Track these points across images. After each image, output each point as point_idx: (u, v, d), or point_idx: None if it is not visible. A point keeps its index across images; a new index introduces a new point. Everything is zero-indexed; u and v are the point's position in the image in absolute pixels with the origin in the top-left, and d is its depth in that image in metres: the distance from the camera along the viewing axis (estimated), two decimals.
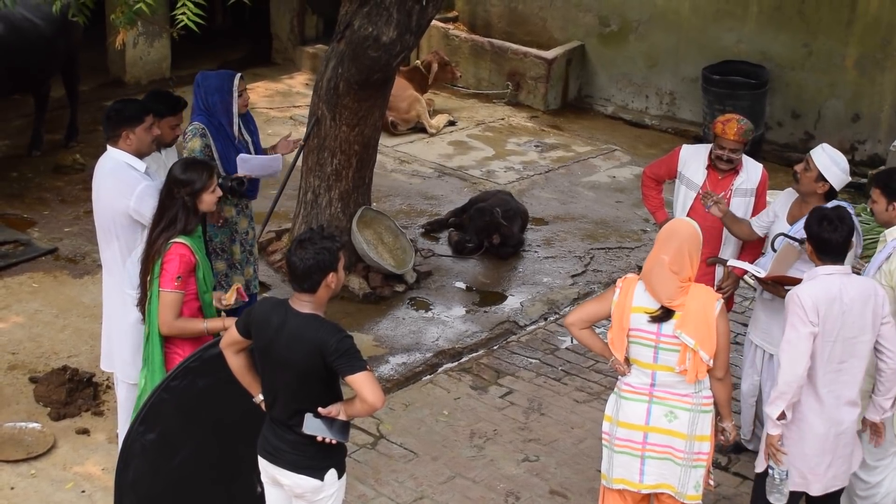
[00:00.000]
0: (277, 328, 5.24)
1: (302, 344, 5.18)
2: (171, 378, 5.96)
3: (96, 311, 7.40)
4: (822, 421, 5.92)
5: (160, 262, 6.06)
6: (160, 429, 6.00)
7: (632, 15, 13.47)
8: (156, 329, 6.15)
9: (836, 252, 5.89)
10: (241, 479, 6.24)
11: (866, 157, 12.18)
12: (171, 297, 6.07)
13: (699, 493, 5.89)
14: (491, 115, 13.60)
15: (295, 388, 5.28)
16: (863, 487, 6.54)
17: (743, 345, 7.50)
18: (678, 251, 5.69)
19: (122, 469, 6.05)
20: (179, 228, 6.06)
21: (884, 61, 11.96)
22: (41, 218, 10.23)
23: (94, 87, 13.14)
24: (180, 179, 6.10)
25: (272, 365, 5.31)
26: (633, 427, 5.84)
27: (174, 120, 7.07)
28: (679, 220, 5.99)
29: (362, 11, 8.62)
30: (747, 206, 7.46)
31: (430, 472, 7.29)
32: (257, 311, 5.36)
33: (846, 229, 5.91)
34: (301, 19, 14.60)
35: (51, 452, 7.17)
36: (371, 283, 9.37)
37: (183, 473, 6.10)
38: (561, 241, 10.57)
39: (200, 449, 6.10)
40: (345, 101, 9.03)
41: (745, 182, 7.47)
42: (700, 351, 5.65)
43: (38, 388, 7.67)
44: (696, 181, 7.51)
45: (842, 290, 5.81)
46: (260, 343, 5.32)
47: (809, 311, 5.76)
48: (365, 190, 9.55)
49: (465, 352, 8.72)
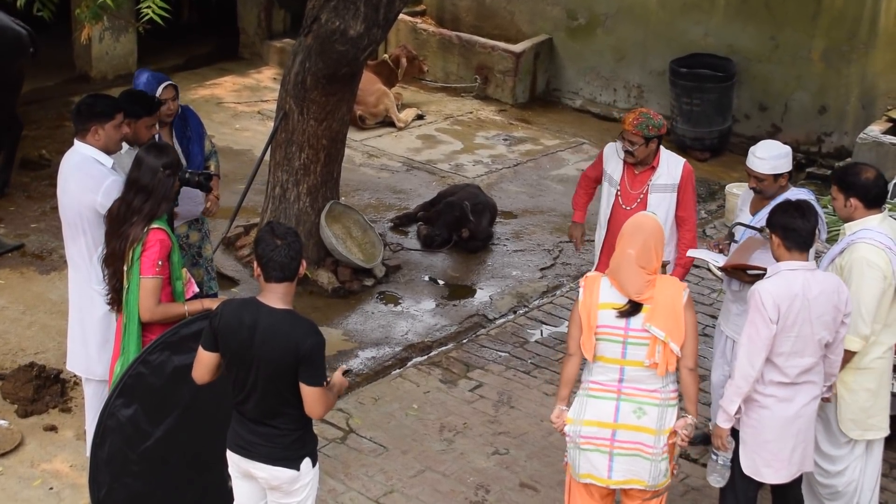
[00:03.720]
0: (251, 326, 5.23)
1: (277, 341, 5.19)
2: (148, 352, 6.00)
3: (63, 307, 7.37)
4: (782, 407, 5.97)
5: (139, 250, 6.05)
6: (136, 405, 6.00)
7: (599, 8, 13.51)
8: (135, 318, 6.14)
9: (803, 241, 5.91)
10: (214, 470, 6.24)
11: (833, 149, 12.26)
12: (153, 283, 6.07)
13: (668, 478, 5.91)
14: (459, 108, 13.61)
15: (269, 384, 5.27)
16: (823, 475, 6.58)
17: (712, 336, 7.53)
18: (644, 245, 5.71)
19: (97, 445, 6.06)
20: (153, 212, 6.08)
21: (850, 54, 12.03)
22: (7, 214, 10.17)
23: (59, 83, 13.09)
24: (166, 164, 6.16)
25: (244, 363, 5.28)
26: (600, 425, 5.81)
27: (150, 120, 7.03)
28: (642, 215, 6.00)
29: (329, 5, 8.60)
30: (669, 202, 7.49)
31: (399, 465, 7.29)
32: (225, 315, 5.32)
33: (813, 219, 5.95)
34: (268, 13, 14.56)
35: (18, 450, 7.14)
36: (340, 278, 9.37)
37: (156, 455, 6.10)
38: (530, 235, 10.59)
39: (175, 431, 6.10)
40: (312, 95, 9.02)
41: (664, 178, 7.49)
42: (670, 342, 5.67)
43: (5, 385, 7.63)
44: (616, 177, 7.60)
45: (805, 287, 5.83)
46: (232, 345, 5.29)
47: (770, 309, 5.80)
48: (333, 184, 9.54)
49: (434, 346, 8.73)
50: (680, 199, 7.52)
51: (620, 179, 7.53)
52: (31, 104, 11.98)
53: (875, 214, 6.35)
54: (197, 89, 13.39)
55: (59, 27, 11.17)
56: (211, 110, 12.72)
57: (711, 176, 12.03)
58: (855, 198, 6.34)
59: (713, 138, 12.47)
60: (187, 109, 7.75)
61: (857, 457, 6.58)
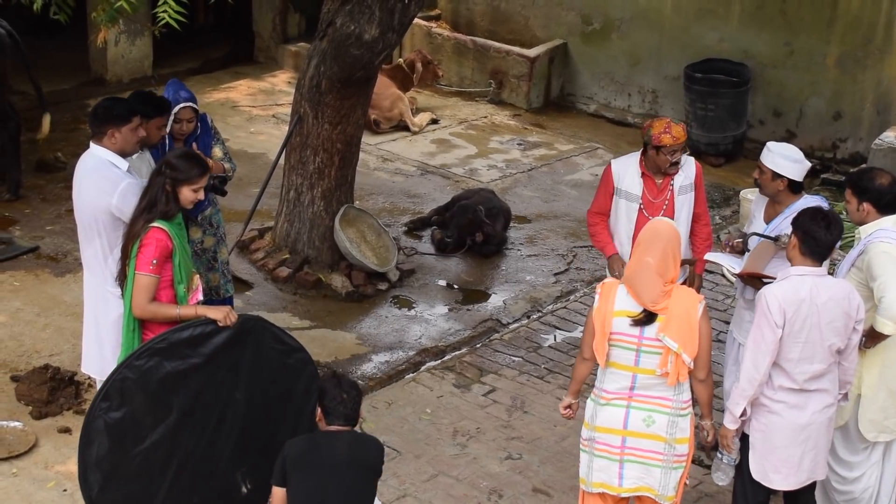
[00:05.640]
0: (332, 455, 5.59)
1: (360, 464, 5.62)
2: (134, 357, 5.97)
3: (78, 309, 7.38)
4: (793, 414, 5.97)
5: (137, 245, 6.08)
6: (126, 409, 5.98)
7: (614, 13, 13.49)
8: (129, 312, 6.17)
9: (823, 251, 5.89)
10: (221, 474, 6.24)
11: (847, 155, 12.22)
12: (146, 280, 6.08)
13: (676, 492, 5.92)
14: (474, 113, 13.61)
15: (350, 495, 5.61)
16: (839, 482, 6.59)
17: (724, 342, 7.52)
18: (663, 253, 5.68)
19: (84, 445, 6.03)
20: (159, 212, 6.10)
21: (865, 59, 12.00)
22: (22, 216, 10.19)
23: (75, 86, 13.09)
24: (171, 163, 6.16)
25: (324, 484, 5.56)
26: (611, 431, 5.85)
27: (160, 121, 7.04)
28: (659, 221, 5.99)
29: (345, 9, 8.61)
30: (690, 201, 7.44)
31: (413, 470, 7.29)
32: (291, 456, 5.60)
33: (838, 231, 5.93)
34: (283, 17, 14.58)
35: (32, 451, 7.15)
36: (354, 282, 9.37)
37: (155, 459, 6.08)
38: (544, 240, 10.58)
39: (173, 435, 6.09)
40: (327, 99, 9.02)
41: (684, 179, 7.41)
42: (682, 354, 5.67)
43: (20, 386, 7.65)
44: (635, 192, 7.36)
45: (813, 292, 5.82)
46: (314, 479, 5.56)
47: (775, 313, 5.80)
48: (348, 188, 9.55)
49: (448, 350, 8.72)
50: (696, 196, 7.48)
51: (641, 193, 7.37)
52: (38, 108, 11.98)
53: (889, 216, 6.36)
54: (212, 93, 13.41)
55: (75, 30, 11.20)
56: (226, 114, 12.75)
57: (726, 181, 12.01)
58: (868, 202, 6.35)
59: (727, 144, 12.45)
60: (203, 118, 7.74)
61: (873, 463, 6.58)
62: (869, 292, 6.19)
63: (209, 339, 6.07)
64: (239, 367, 6.18)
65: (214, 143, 7.72)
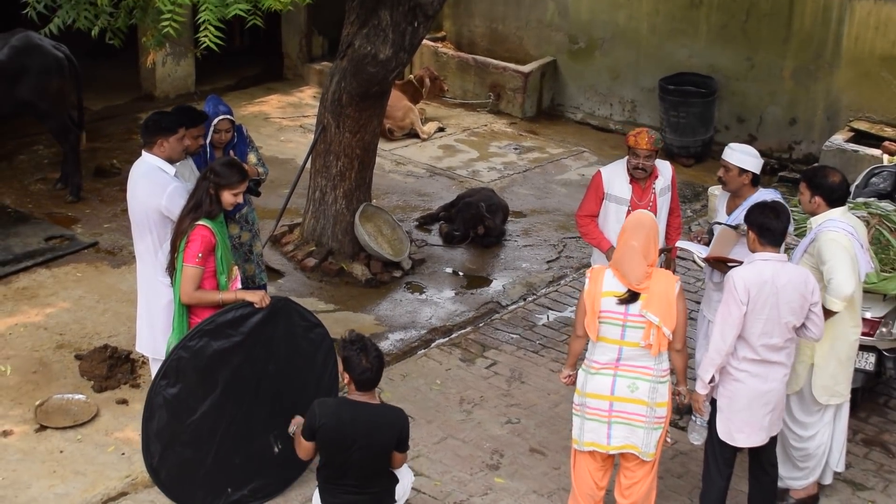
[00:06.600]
0: (351, 421, 5.48)
1: (382, 430, 5.52)
2: (188, 338, 6.04)
3: (132, 296, 7.39)
4: (755, 382, 5.99)
5: (185, 241, 6.09)
6: (181, 385, 6.03)
7: (597, 34, 13.45)
8: (178, 298, 6.19)
9: (777, 237, 5.91)
10: (257, 437, 6.26)
11: (802, 155, 12.19)
12: (193, 271, 6.10)
13: (658, 448, 5.94)
14: (475, 122, 13.57)
15: (368, 461, 5.54)
16: (796, 440, 6.63)
17: (697, 320, 7.51)
18: (646, 238, 5.74)
19: (147, 418, 6.12)
20: (204, 212, 6.11)
21: (816, 72, 11.96)
22: (83, 216, 10.19)
23: (128, 101, 13.09)
24: (215, 170, 6.20)
25: (341, 449, 5.50)
26: (600, 397, 5.88)
27: (196, 131, 7.04)
28: (641, 213, 6.05)
29: (362, 33, 8.60)
30: (668, 200, 7.41)
31: (425, 434, 7.29)
32: (321, 415, 5.50)
33: (785, 219, 5.96)
34: (308, 40, 14.54)
35: (94, 420, 7.18)
36: (372, 270, 9.37)
37: (204, 427, 6.13)
38: (537, 232, 10.57)
39: (219, 405, 6.13)
40: (347, 111, 9.01)
41: (663, 182, 7.38)
42: (663, 327, 5.70)
43: (83, 364, 7.67)
44: (624, 196, 7.29)
45: (774, 276, 5.84)
46: (331, 435, 5.49)
47: (741, 292, 5.82)
48: (366, 188, 9.54)
49: (454, 329, 8.72)
50: (671, 194, 7.48)
51: (630, 197, 7.30)
52: (103, 120, 12.00)
53: (837, 208, 6.36)
54: (247, 106, 13.39)
55: (128, 53, 11.19)
56: (259, 124, 12.73)
57: (696, 179, 11.98)
58: (820, 196, 6.36)
59: (697, 147, 12.42)
60: (239, 128, 7.74)
61: (826, 423, 6.60)
62: (820, 275, 6.19)
63: (247, 319, 6.12)
64: (272, 342, 6.22)
65: (249, 151, 7.72)
